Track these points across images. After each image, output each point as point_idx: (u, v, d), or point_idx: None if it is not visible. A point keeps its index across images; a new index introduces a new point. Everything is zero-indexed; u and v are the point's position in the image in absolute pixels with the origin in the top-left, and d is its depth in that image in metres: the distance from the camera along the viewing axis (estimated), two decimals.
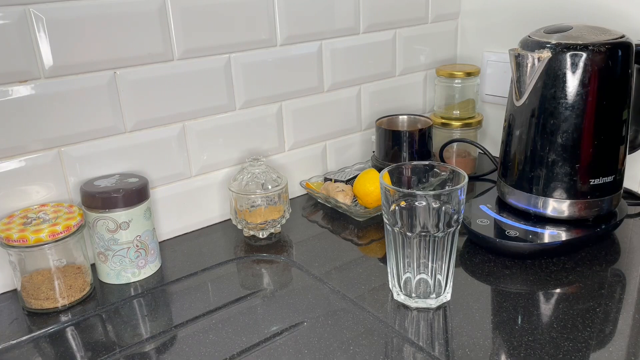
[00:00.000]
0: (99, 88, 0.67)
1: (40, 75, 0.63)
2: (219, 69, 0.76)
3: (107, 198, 0.63)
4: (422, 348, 0.53)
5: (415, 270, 0.58)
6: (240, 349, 0.55)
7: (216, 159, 0.79)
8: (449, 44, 1.03)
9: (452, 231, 0.57)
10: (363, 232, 0.77)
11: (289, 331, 0.57)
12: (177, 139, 0.75)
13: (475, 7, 1.00)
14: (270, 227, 0.75)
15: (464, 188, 0.56)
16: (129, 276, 0.66)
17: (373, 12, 0.89)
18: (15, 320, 0.61)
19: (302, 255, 0.72)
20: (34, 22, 0.61)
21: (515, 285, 0.63)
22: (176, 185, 0.77)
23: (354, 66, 0.90)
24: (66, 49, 0.63)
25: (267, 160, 0.84)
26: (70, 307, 0.62)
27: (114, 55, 0.67)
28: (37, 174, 0.65)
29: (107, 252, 0.65)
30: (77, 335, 0.58)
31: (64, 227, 0.60)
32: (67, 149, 0.67)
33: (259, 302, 0.63)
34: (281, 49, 0.81)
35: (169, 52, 0.71)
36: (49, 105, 0.64)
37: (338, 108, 0.91)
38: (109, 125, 0.69)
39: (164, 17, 0.69)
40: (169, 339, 0.57)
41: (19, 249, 0.58)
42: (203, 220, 0.81)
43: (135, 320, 0.61)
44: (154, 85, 0.71)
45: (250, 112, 0.81)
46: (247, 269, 0.70)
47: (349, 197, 0.82)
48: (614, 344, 0.52)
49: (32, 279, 0.61)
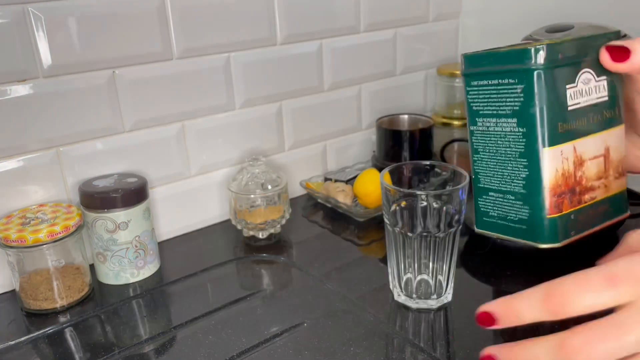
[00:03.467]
0: (97, 87, 0.66)
1: (38, 74, 0.62)
2: (219, 68, 0.75)
3: (105, 198, 0.63)
4: (423, 349, 0.53)
5: (416, 271, 0.58)
6: (240, 350, 0.54)
7: (215, 159, 0.79)
8: (450, 43, 1.03)
9: (453, 231, 0.57)
10: (363, 232, 0.77)
11: (289, 332, 0.57)
12: (176, 138, 0.74)
13: (476, 6, 1.00)
14: (270, 228, 0.75)
15: (465, 188, 0.55)
16: (128, 277, 0.66)
17: (373, 11, 0.89)
18: (13, 321, 0.60)
19: (302, 255, 0.72)
20: (33, 21, 0.61)
21: (516, 285, 0.62)
22: (175, 185, 0.76)
23: (354, 65, 0.90)
24: (65, 48, 0.63)
25: (267, 160, 0.84)
26: (68, 307, 0.62)
27: (113, 55, 0.66)
28: (35, 173, 0.65)
29: (105, 252, 0.64)
30: (75, 336, 0.58)
31: (62, 227, 0.59)
32: (65, 148, 0.66)
33: (259, 303, 0.62)
34: (281, 48, 0.80)
35: (168, 51, 0.70)
36: (47, 105, 0.64)
37: (338, 107, 0.90)
38: (108, 125, 0.68)
39: (163, 16, 0.69)
40: (168, 339, 0.57)
41: (17, 249, 0.58)
42: (202, 220, 0.80)
43: (134, 321, 0.60)
44: (153, 84, 0.70)
45: (250, 111, 0.80)
46: (246, 270, 0.70)
47: (350, 197, 0.81)
48: None
49: (30, 279, 0.61)
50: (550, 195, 0.33)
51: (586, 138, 0.32)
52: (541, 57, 0.30)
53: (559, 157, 0.32)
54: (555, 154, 0.32)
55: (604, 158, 0.33)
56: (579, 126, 0.32)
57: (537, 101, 0.31)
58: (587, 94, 0.32)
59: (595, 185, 0.33)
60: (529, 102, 0.31)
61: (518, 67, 0.31)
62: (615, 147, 0.32)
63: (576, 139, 0.32)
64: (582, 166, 0.32)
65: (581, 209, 0.34)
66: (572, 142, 0.32)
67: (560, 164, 0.32)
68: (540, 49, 0.30)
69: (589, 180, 0.33)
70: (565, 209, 0.34)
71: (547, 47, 0.30)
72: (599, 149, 0.32)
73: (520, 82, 0.31)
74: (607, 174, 0.33)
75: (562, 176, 0.32)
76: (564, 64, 0.31)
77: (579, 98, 0.32)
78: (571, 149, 0.32)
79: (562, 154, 0.32)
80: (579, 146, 0.32)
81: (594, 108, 0.32)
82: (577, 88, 0.31)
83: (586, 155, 0.32)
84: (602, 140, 0.32)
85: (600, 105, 0.32)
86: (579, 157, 0.32)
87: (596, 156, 0.32)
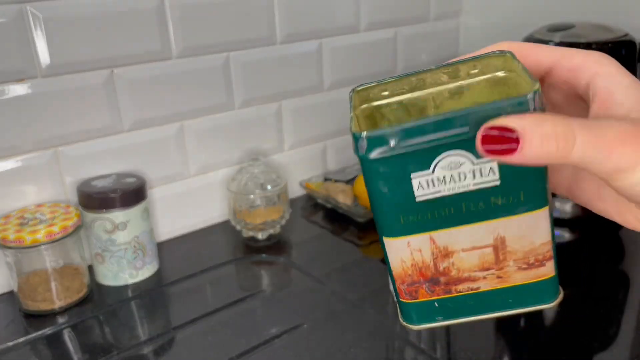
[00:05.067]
0: (96, 87, 0.66)
1: (37, 74, 0.62)
2: (218, 67, 0.75)
3: (104, 198, 0.62)
4: (423, 351, 0.53)
5: None
6: (239, 352, 0.54)
7: (215, 159, 0.79)
8: (451, 43, 1.03)
9: None
10: (363, 232, 0.77)
11: (288, 333, 0.56)
12: (175, 138, 0.74)
13: (476, 4, 1.00)
14: (269, 228, 0.74)
15: None
16: (127, 277, 0.66)
17: (374, 10, 0.89)
18: (11, 322, 0.60)
19: (302, 256, 0.71)
20: (31, 21, 0.60)
21: None
22: (174, 186, 0.76)
23: (354, 65, 0.90)
24: (63, 48, 0.63)
25: (267, 160, 0.83)
26: (67, 308, 0.61)
27: (112, 54, 0.66)
28: (33, 173, 0.64)
29: (104, 253, 0.64)
30: (74, 337, 0.58)
31: (60, 227, 0.59)
32: (64, 148, 0.66)
33: (258, 304, 0.62)
34: (281, 47, 0.80)
35: (167, 50, 0.70)
36: (45, 105, 0.63)
37: (338, 107, 0.90)
38: (106, 125, 0.68)
39: (162, 14, 0.68)
40: (166, 341, 0.57)
41: (15, 250, 0.58)
42: (201, 220, 0.80)
43: (133, 322, 0.60)
44: (151, 84, 0.70)
45: (249, 111, 0.80)
46: (246, 271, 0.70)
47: (350, 198, 0.81)
48: (617, 345, 0.52)
49: (28, 280, 0.60)
50: (399, 282, 0.29)
51: (455, 228, 0.27)
52: (362, 147, 0.25)
53: (406, 248, 0.28)
54: (400, 245, 0.28)
55: (494, 248, 0.28)
56: (439, 216, 0.27)
57: (372, 190, 0.27)
58: (454, 181, 0.26)
59: (476, 276, 0.29)
60: (367, 189, 0.27)
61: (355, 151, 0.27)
62: (519, 237, 0.27)
63: (434, 230, 0.28)
64: (451, 257, 0.28)
65: (452, 298, 0.30)
66: (427, 233, 0.28)
67: (408, 254, 0.28)
68: (359, 137, 0.25)
69: (462, 271, 0.29)
70: (423, 297, 0.30)
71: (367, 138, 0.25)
72: (483, 239, 0.28)
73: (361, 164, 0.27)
74: (501, 265, 0.28)
75: (411, 267, 0.29)
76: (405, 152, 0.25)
77: (438, 186, 0.26)
78: (426, 239, 0.28)
79: (409, 245, 0.28)
80: (442, 237, 0.28)
81: (472, 195, 0.27)
82: (433, 175, 0.26)
83: (456, 246, 0.28)
84: (488, 230, 0.27)
85: (485, 192, 0.26)
86: (442, 248, 0.28)
87: (476, 247, 0.28)
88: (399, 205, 0.27)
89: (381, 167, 0.26)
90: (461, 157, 0.26)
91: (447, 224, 0.28)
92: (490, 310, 0.31)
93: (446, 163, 0.26)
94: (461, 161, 0.26)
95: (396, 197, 0.27)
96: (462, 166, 0.26)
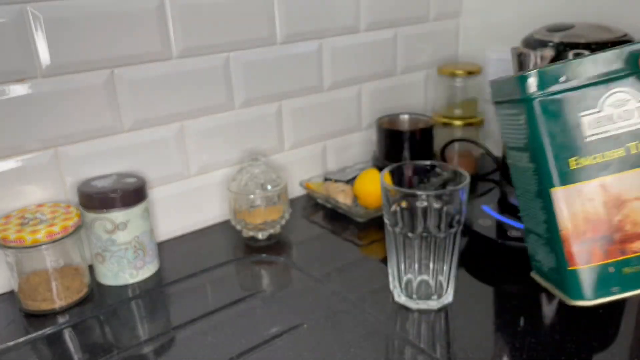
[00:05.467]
0: (96, 87, 0.66)
1: (37, 74, 0.62)
2: (218, 67, 0.75)
3: (104, 198, 0.62)
4: (423, 350, 0.53)
5: (416, 272, 0.58)
6: (239, 351, 0.54)
7: (215, 159, 0.79)
8: (451, 43, 1.03)
9: (454, 232, 0.56)
10: (363, 232, 0.77)
11: (288, 333, 0.56)
12: (176, 138, 0.74)
13: (476, 5, 1.00)
14: (269, 228, 0.74)
15: (465, 188, 0.55)
16: (127, 277, 0.66)
17: (374, 10, 0.89)
18: (12, 322, 0.60)
19: (302, 256, 0.71)
20: (31, 21, 0.60)
21: (517, 286, 0.62)
22: (174, 186, 0.76)
23: (354, 65, 0.90)
24: (63, 48, 0.63)
25: (267, 160, 0.83)
26: (67, 308, 0.61)
27: (112, 54, 0.66)
28: (33, 173, 0.65)
29: (104, 253, 0.64)
30: (74, 337, 0.58)
31: (61, 227, 0.59)
32: (64, 148, 0.66)
33: (258, 304, 0.62)
34: (281, 47, 0.80)
35: (167, 50, 0.70)
36: (46, 105, 0.63)
37: (338, 107, 0.90)
38: (107, 125, 0.68)
39: (162, 15, 0.68)
40: (167, 341, 0.57)
41: (16, 250, 0.58)
42: (202, 220, 0.80)
43: (133, 322, 0.60)
44: (152, 84, 0.70)
45: (249, 111, 0.80)
46: (246, 270, 0.70)
47: (350, 198, 0.81)
48: (617, 345, 0.52)
49: (29, 280, 0.60)
50: (570, 242, 0.28)
51: (626, 173, 0.26)
52: (532, 84, 0.26)
53: (577, 198, 0.27)
54: (570, 194, 0.27)
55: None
56: (609, 159, 0.26)
57: (538, 134, 0.27)
58: (621, 119, 0.26)
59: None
60: (532, 135, 0.27)
61: (517, 97, 0.27)
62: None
63: (605, 174, 0.26)
64: (624, 207, 0.26)
65: (628, 260, 0.28)
66: (598, 179, 0.26)
67: (580, 205, 0.27)
68: (528, 75, 0.26)
69: (637, 225, 0.27)
70: (597, 260, 0.28)
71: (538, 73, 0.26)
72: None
73: (521, 113, 0.27)
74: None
75: (584, 220, 0.27)
76: (575, 88, 0.26)
77: (606, 125, 0.26)
78: (596, 187, 0.26)
79: (580, 194, 0.27)
80: (613, 183, 0.26)
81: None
82: (601, 114, 0.26)
83: (630, 194, 0.26)
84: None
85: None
86: (615, 196, 0.26)
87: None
88: (568, 148, 0.27)
89: (550, 105, 0.26)
90: (626, 94, 0.26)
91: (617, 168, 0.27)
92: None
93: (613, 101, 0.26)
94: (627, 98, 0.26)
95: (566, 138, 0.27)
96: (627, 104, 0.26)
